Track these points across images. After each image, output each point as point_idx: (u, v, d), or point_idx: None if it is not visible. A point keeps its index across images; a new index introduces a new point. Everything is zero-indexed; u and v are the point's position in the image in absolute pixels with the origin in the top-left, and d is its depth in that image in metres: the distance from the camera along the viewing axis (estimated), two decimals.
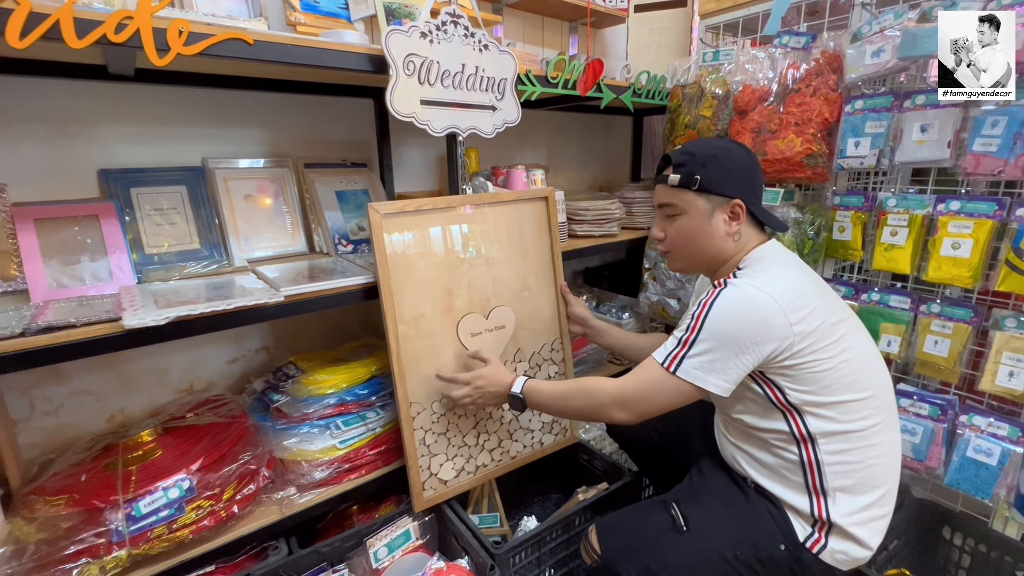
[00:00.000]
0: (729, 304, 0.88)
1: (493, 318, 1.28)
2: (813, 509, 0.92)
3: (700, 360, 0.88)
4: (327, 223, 1.33)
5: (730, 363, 0.87)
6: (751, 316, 0.86)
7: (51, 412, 1.13)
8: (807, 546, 0.92)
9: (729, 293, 0.89)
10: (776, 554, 0.92)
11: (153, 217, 1.15)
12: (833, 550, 0.91)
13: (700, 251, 1.00)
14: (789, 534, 0.93)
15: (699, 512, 0.97)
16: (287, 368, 1.29)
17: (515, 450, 1.35)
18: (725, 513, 0.97)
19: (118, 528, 0.89)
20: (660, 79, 1.60)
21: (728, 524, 0.95)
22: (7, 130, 1.03)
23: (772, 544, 0.93)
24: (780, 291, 0.87)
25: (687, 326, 0.91)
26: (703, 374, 0.88)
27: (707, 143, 1.01)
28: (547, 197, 1.35)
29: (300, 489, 1.11)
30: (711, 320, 0.88)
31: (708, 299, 0.90)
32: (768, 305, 0.86)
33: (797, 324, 0.85)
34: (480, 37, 1.13)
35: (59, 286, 0.95)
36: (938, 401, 1.16)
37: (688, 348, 0.89)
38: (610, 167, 2.24)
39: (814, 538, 0.92)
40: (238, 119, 1.29)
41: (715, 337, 0.87)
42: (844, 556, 0.92)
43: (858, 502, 0.91)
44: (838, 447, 0.90)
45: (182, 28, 0.79)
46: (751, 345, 0.86)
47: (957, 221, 1.13)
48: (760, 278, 0.90)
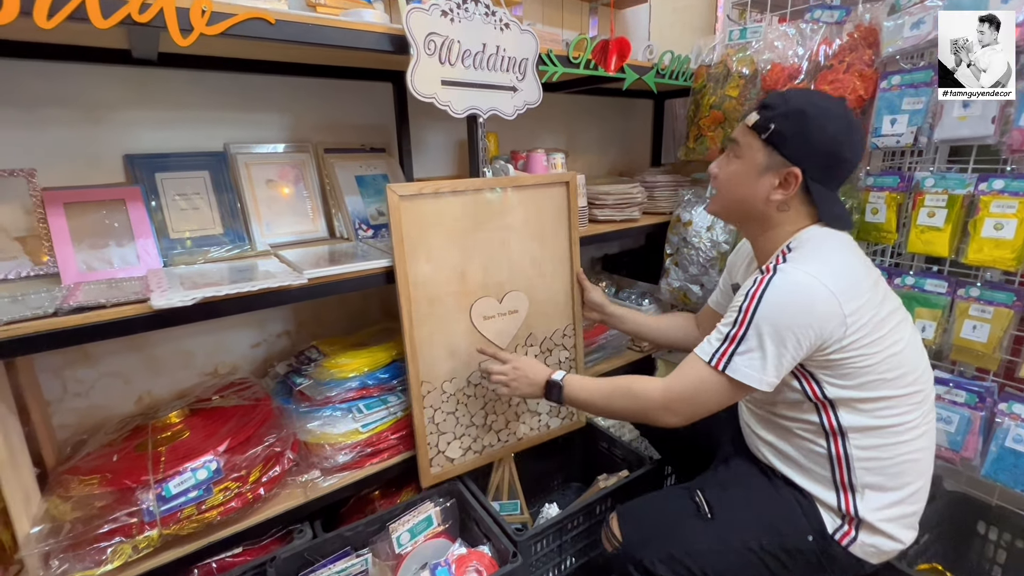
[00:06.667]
0: (780, 294, 0.81)
1: (507, 302, 1.27)
2: (840, 504, 0.89)
3: (751, 357, 0.82)
4: (347, 208, 1.32)
5: (783, 359, 0.81)
6: (804, 307, 0.79)
7: (82, 393, 1.16)
8: (836, 539, 0.89)
9: (780, 282, 0.81)
10: (804, 545, 0.89)
11: (177, 202, 1.16)
12: (863, 543, 0.88)
13: (739, 204, 0.92)
14: (818, 525, 0.90)
15: (724, 500, 0.95)
16: (309, 352, 1.30)
17: (521, 432, 1.36)
18: (751, 502, 0.94)
19: (149, 508, 0.90)
20: (684, 59, 1.56)
21: (754, 513, 0.93)
22: (35, 115, 1.04)
23: (800, 535, 0.90)
24: (835, 278, 0.80)
25: (734, 320, 0.84)
26: (755, 372, 0.82)
27: (810, 96, 0.89)
28: (568, 182, 1.33)
29: (324, 472, 1.12)
30: (762, 312, 0.81)
31: (756, 289, 0.83)
32: (822, 295, 0.79)
33: (850, 316, 0.80)
34: (501, 16, 1.11)
35: (89, 269, 0.97)
36: (975, 388, 1.12)
37: (737, 344, 0.83)
38: (630, 151, 2.20)
39: (844, 531, 0.89)
40: (259, 104, 1.29)
41: (766, 331, 0.80)
42: (874, 550, 0.89)
43: (887, 498, 0.87)
44: (870, 442, 0.86)
45: (204, 7, 0.78)
46: (803, 338, 0.80)
47: (1000, 201, 1.07)
48: (812, 263, 0.83)
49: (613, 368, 1.67)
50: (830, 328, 0.80)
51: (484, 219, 1.20)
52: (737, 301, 0.86)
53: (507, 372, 1.09)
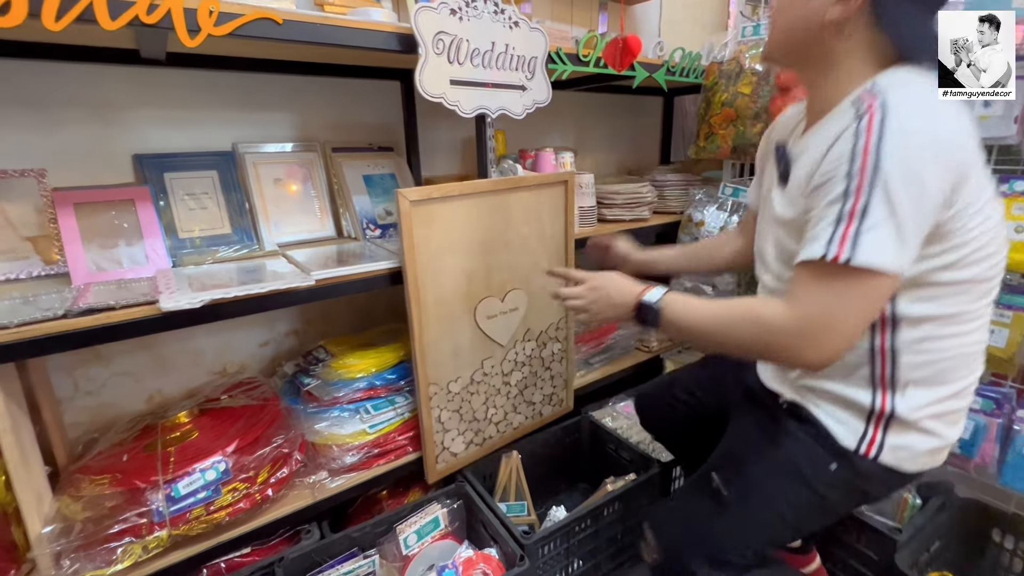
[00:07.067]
0: (907, 131, 0.61)
1: (508, 300, 1.28)
2: (874, 403, 0.76)
3: (882, 231, 0.61)
4: (355, 208, 1.32)
5: (922, 224, 0.62)
6: (944, 142, 0.61)
7: (93, 392, 1.17)
8: (860, 452, 0.77)
9: (898, 116, 0.61)
10: (830, 478, 0.79)
11: (186, 202, 1.16)
12: (893, 447, 0.76)
13: (791, 34, 0.75)
14: (835, 448, 0.79)
15: (740, 473, 0.86)
16: (317, 352, 1.30)
17: (517, 421, 1.39)
18: (764, 458, 0.85)
19: (159, 508, 0.91)
20: (695, 56, 1.53)
21: (770, 471, 0.83)
22: (45, 116, 1.05)
23: (822, 469, 0.79)
24: (955, 117, 0.63)
25: (844, 190, 0.62)
26: (891, 250, 0.61)
27: None
28: (567, 180, 1.32)
29: (331, 473, 1.12)
30: (887, 163, 0.60)
31: (867, 138, 0.62)
32: (958, 126, 0.63)
33: (975, 166, 0.64)
34: (510, 13, 1.09)
35: (98, 269, 0.97)
36: (992, 394, 1.10)
37: (860, 219, 0.61)
38: (639, 149, 2.18)
39: (867, 440, 0.77)
40: (266, 103, 1.28)
41: (897, 188, 0.60)
42: (907, 452, 0.77)
43: (933, 394, 0.75)
44: (924, 333, 0.72)
45: (212, 8, 0.78)
46: (942, 189, 0.62)
47: (1022, 203, 1.05)
48: (921, 97, 0.64)
49: (620, 368, 1.66)
50: (963, 173, 0.62)
51: (491, 221, 1.19)
52: (836, 168, 0.65)
53: (583, 295, 0.89)
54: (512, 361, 1.32)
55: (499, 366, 1.30)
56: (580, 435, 1.51)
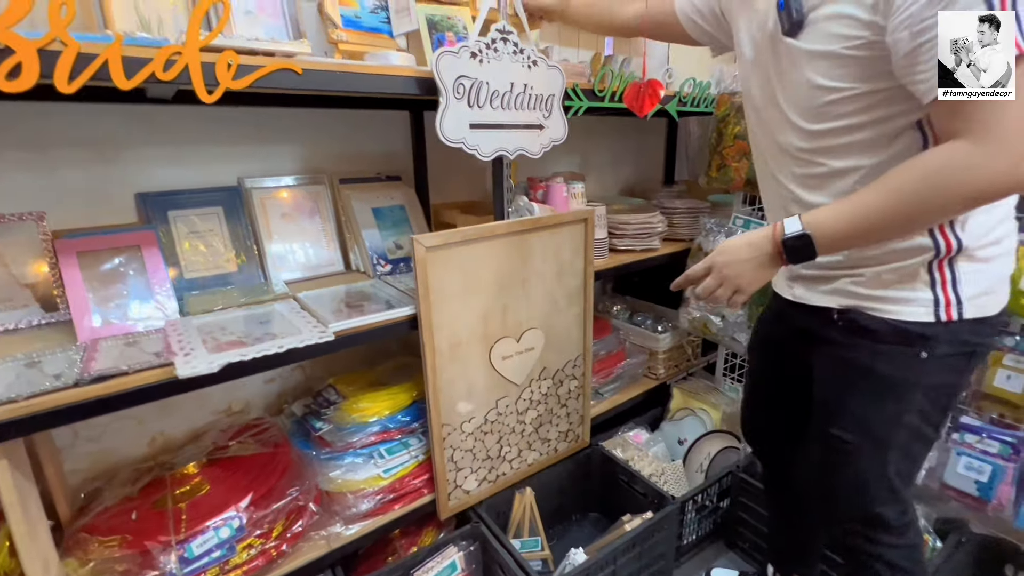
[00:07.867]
0: None
1: (524, 341, 1.26)
2: (938, 248, 0.72)
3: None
4: (364, 242, 1.29)
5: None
6: None
7: (94, 438, 1.12)
8: (943, 321, 0.73)
9: None
10: (929, 367, 0.75)
11: (191, 240, 1.12)
12: (969, 296, 0.73)
13: None
14: (915, 336, 0.74)
15: (850, 415, 0.82)
16: (327, 392, 1.26)
17: (532, 459, 1.38)
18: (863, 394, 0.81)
19: (172, 571, 0.88)
20: (706, 85, 1.52)
21: (875, 396, 0.79)
22: (44, 156, 1.00)
23: (915, 364, 0.75)
24: None
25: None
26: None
27: None
28: (586, 219, 1.30)
29: (346, 521, 1.10)
30: None
31: None
32: None
33: None
34: (529, 53, 1.07)
35: (105, 323, 0.93)
36: (1009, 438, 1.11)
37: (1015, 2, 0.57)
38: (643, 169, 2.17)
39: (943, 304, 0.73)
40: (273, 136, 1.25)
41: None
42: (981, 288, 0.73)
43: (990, 218, 0.73)
44: None
45: (231, 61, 0.74)
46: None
47: None
48: None
49: (630, 397, 1.66)
50: None
51: (509, 261, 1.17)
52: None
53: (714, 279, 0.80)
54: (527, 400, 1.30)
55: (514, 405, 1.28)
56: (591, 466, 1.51)
